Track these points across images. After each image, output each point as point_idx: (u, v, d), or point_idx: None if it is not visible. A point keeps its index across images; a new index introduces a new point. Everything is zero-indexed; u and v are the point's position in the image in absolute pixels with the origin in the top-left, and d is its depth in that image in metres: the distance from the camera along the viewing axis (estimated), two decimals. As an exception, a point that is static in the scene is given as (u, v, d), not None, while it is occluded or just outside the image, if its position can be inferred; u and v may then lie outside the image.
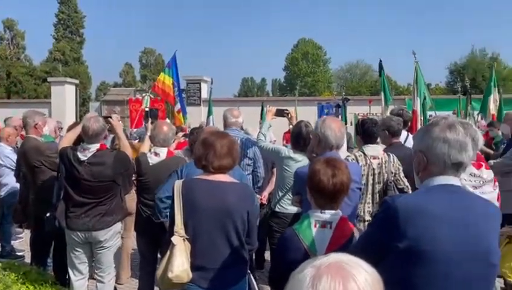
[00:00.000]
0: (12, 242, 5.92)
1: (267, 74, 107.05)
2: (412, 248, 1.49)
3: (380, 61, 8.57)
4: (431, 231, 1.49)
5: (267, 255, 4.77)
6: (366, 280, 0.92)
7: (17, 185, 5.24)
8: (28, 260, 5.20)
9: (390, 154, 3.70)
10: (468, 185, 3.31)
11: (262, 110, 11.29)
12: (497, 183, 3.73)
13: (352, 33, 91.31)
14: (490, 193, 3.53)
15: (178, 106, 9.02)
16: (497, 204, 3.29)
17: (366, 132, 3.67)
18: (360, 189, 2.98)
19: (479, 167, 3.48)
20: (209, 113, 10.36)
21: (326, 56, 57.53)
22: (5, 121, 7.11)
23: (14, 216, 4.97)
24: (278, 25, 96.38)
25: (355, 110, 10.61)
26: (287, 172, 3.84)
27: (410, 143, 4.70)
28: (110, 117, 3.68)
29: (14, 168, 5.26)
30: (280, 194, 3.93)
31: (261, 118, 11.07)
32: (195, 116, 12.87)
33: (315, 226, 1.95)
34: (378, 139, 3.97)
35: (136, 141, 6.04)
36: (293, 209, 3.80)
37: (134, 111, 9.49)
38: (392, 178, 3.65)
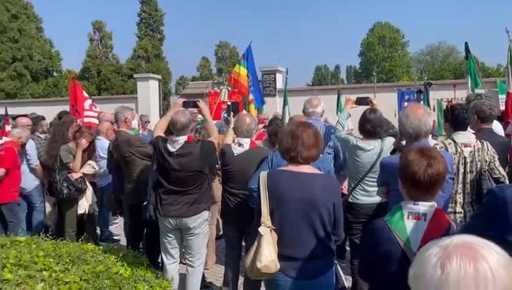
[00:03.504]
0: (109, 227, 6.47)
1: (341, 61, 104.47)
2: (522, 242, 1.39)
3: (466, 44, 7.95)
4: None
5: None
6: (498, 261, 0.89)
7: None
8: (122, 243, 5.66)
9: (484, 142, 3.45)
10: None
11: (338, 98, 11.04)
12: None
13: (432, 13, 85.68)
14: None
15: (250, 96, 9.08)
16: None
17: (456, 118, 3.45)
18: (452, 179, 2.82)
19: None
20: (285, 103, 10.37)
21: (404, 39, 54.66)
22: (98, 116, 7.73)
23: (108, 205, 5.42)
24: (351, 9, 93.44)
25: (439, 96, 9.96)
26: (357, 162, 3.80)
27: (497, 130, 4.35)
28: (199, 101, 3.86)
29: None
30: (352, 184, 3.88)
31: (338, 106, 10.85)
32: (271, 107, 12.95)
33: (408, 217, 1.88)
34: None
35: None
36: (366, 199, 3.75)
37: (213, 104, 9.75)
38: (486, 167, 3.40)
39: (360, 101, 4.23)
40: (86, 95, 8.43)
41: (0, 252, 3.07)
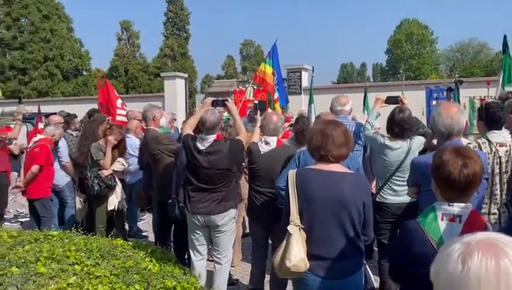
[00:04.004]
0: (137, 223, 6.57)
1: (367, 59, 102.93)
2: None
3: (505, 37, 7.67)
4: None
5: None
6: None
7: (146, 172, 5.80)
8: (150, 239, 5.75)
9: (520, 141, 3.34)
10: None
11: (365, 96, 10.88)
12: None
13: (462, 9, 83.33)
14: None
15: (276, 95, 9.05)
16: None
17: (491, 116, 3.35)
18: (486, 179, 2.74)
19: None
20: (310, 101, 10.29)
21: (433, 36, 53.36)
22: (126, 114, 7.86)
23: (138, 201, 5.52)
24: (378, 7, 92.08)
25: (470, 93, 9.68)
26: (385, 161, 3.76)
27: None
28: (227, 100, 3.89)
29: (141, 158, 5.84)
30: (380, 184, 3.82)
31: (364, 104, 10.68)
32: (296, 105, 12.89)
33: (442, 219, 1.83)
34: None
35: None
36: (394, 199, 3.71)
37: (239, 102, 9.77)
38: (523, 167, 3.29)
39: (389, 100, 4.17)
40: (116, 94, 8.61)
41: (34, 246, 3.16)
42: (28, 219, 6.62)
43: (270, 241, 3.97)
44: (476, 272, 0.87)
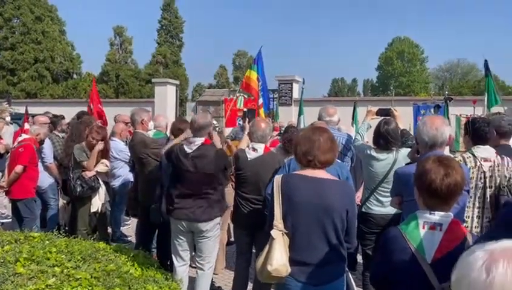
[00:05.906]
0: (121, 228, 6.49)
1: (358, 74, 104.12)
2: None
3: (486, 61, 7.85)
4: None
5: (359, 257, 4.64)
6: None
7: (130, 176, 5.75)
8: (134, 245, 5.67)
9: (505, 157, 3.39)
10: None
11: (354, 110, 10.98)
12: None
13: (452, 30, 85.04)
14: None
15: (260, 101, 9.02)
16: None
17: (477, 131, 3.40)
18: (468, 191, 2.77)
19: None
20: (300, 112, 10.33)
21: (423, 55, 54.24)
22: (114, 118, 7.82)
23: (127, 204, 5.48)
24: (371, 24, 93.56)
25: (457, 112, 9.84)
26: (371, 171, 3.80)
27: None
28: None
29: (127, 161, 5.80)
30: (366, 194, 3.85)
31: (353, 118, 10.77)
32: (286, 116, 12.97)
33: (423, 227, 1.85)
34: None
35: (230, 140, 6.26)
36: (379, 210, 3.74)
37: (229, 111, 9.79)
38: (506, 183, 3.34)
39: (381, 112, 4.20)
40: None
41: (14, 246, 3.10)
42: (10, 220, 6.49)
43: (254, 250, 3.96)
44: (501, 282, 0.85)
